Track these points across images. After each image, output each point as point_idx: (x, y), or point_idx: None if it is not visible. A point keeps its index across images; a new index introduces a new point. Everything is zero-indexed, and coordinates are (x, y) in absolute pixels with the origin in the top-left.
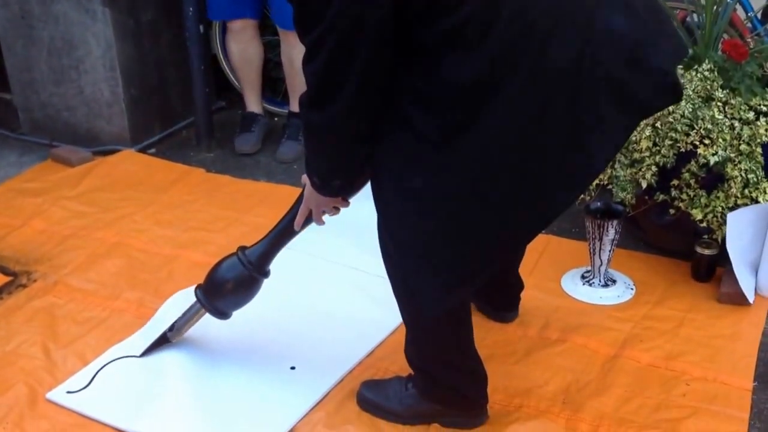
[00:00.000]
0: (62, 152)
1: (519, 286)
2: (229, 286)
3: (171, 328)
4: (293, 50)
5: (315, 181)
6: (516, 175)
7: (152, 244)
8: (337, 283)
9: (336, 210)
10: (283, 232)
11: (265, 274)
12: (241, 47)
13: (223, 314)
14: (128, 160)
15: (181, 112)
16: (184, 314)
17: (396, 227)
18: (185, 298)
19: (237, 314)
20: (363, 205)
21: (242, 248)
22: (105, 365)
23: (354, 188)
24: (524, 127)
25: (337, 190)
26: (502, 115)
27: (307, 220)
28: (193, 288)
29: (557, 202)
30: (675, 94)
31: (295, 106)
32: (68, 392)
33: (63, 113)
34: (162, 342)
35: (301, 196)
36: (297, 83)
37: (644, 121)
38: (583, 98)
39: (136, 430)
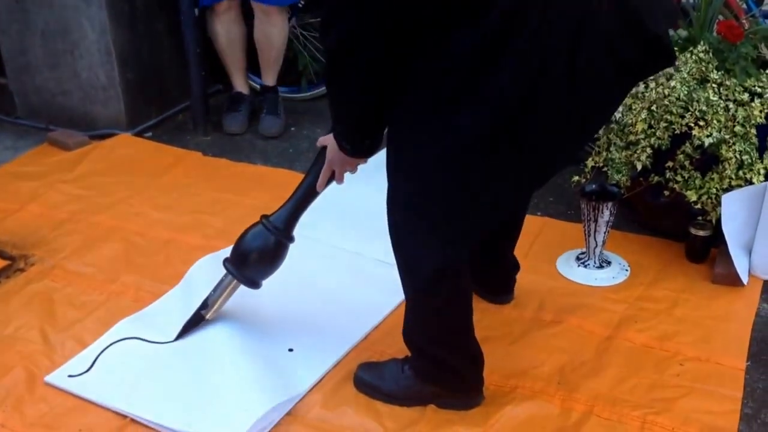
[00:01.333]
0: (59, 136)
1: (515, 268)
2: (255, 255)
3: (204, 306)
4: (270, 26)
5: (345, 147)
6: (517, 133)
7: (149, 228)
8: (334, 266)
9: (356, 168)
10: (305, 195)
11: (291, 238)
12: (226, 28)
13: (254, 284)
14: (125, 144)
15: (178, 95)
16: (215, 289)
17: (401, 188)
18: (202, 273)
19: (235, 296)
20: (361, 190)
21: (265, 216)
22: (109, 346)
23: (381, 144)
24: (526, 87)
25: (367, 149)
26: (503, 82)
27: (328, 181)
28: (198, 263)
29: (556, 159)
30: (668, 57)
31: (268, 81)
32: (70, 376)
33: (58, 97)
34: (197, 321)
35: (318, 159)
36: (271, 58)
37: (640, 104)
38: (582, 62)
39: (134, 413)
